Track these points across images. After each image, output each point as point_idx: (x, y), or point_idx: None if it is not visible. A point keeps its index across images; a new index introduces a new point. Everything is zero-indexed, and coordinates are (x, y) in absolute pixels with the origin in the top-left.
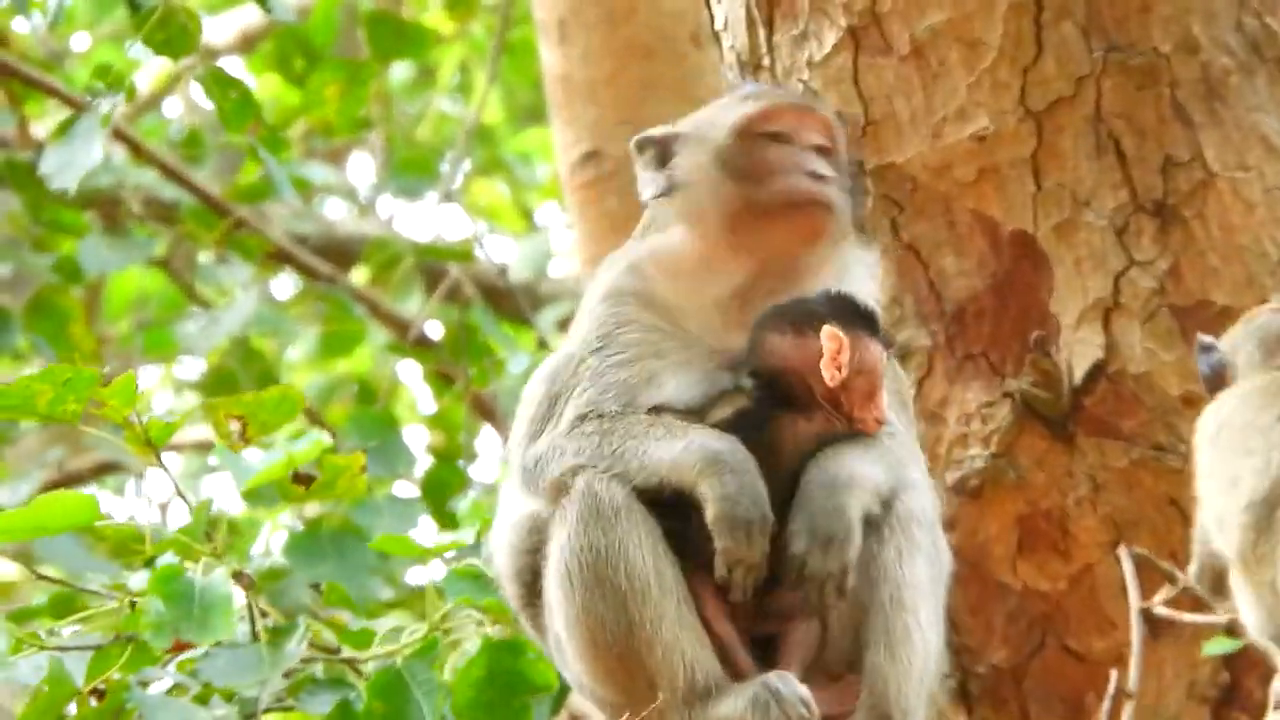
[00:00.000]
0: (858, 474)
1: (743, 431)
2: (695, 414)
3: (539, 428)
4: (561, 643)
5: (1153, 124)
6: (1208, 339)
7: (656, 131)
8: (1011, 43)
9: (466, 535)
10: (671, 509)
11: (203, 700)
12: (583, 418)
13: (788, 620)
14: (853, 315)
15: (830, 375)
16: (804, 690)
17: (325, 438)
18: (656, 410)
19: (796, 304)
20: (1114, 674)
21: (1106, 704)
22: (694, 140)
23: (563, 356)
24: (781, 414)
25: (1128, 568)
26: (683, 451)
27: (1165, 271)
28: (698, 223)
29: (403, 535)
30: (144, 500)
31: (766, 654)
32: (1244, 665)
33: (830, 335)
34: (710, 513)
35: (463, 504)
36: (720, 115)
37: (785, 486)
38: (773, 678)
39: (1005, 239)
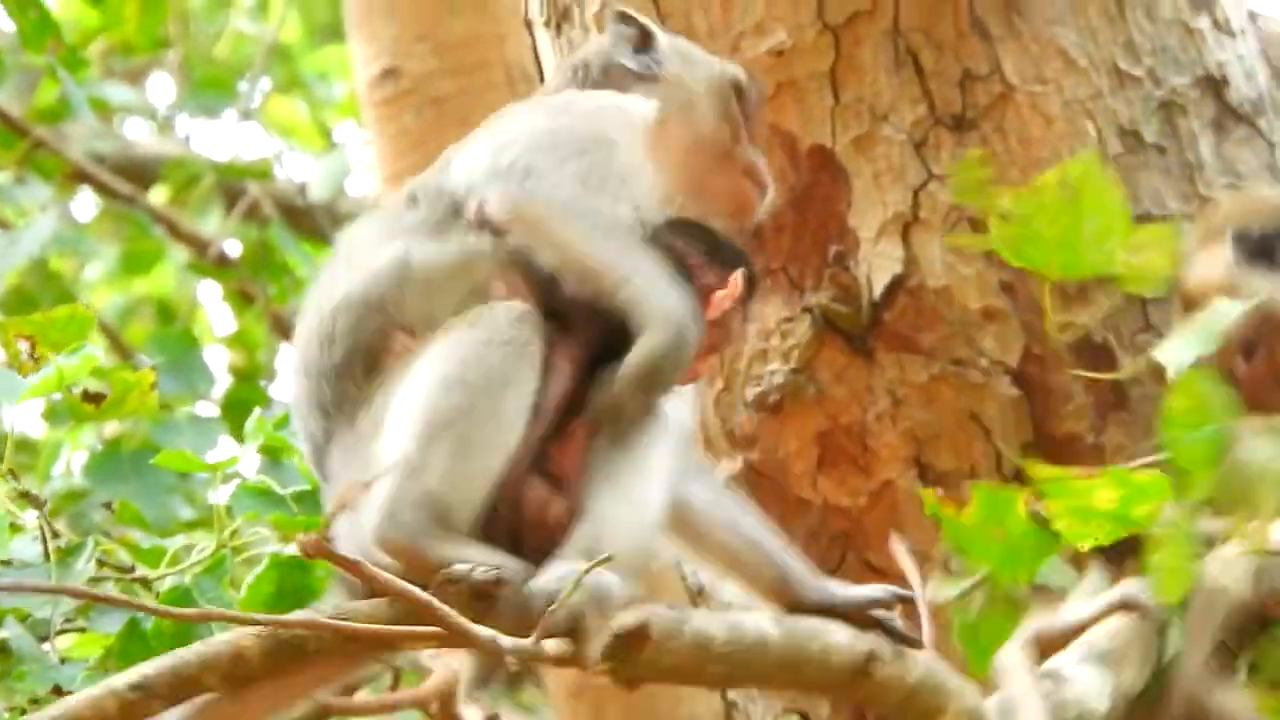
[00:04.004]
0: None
1: None
2: None
3: (534, 161)
4: (387, 414)
5: (951, 37)
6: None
7: (639, 16)
8: None
9: (251, 452)
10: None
11: None
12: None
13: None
14: (751, 280)
15: (717, 309)
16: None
17: (99, 352)
18: None
19: (720, 236)
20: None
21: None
22: (683, 55)
23: (584, 135)
24: None
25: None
26: (649, 280)
27: None
28: (677, 122)
29: (185, 453)
30: None
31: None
32: None
33: (735, 282)
34: (636, 358)
35: (250, 421)
36: (705, 55)
37: None
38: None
39: (804, 153)
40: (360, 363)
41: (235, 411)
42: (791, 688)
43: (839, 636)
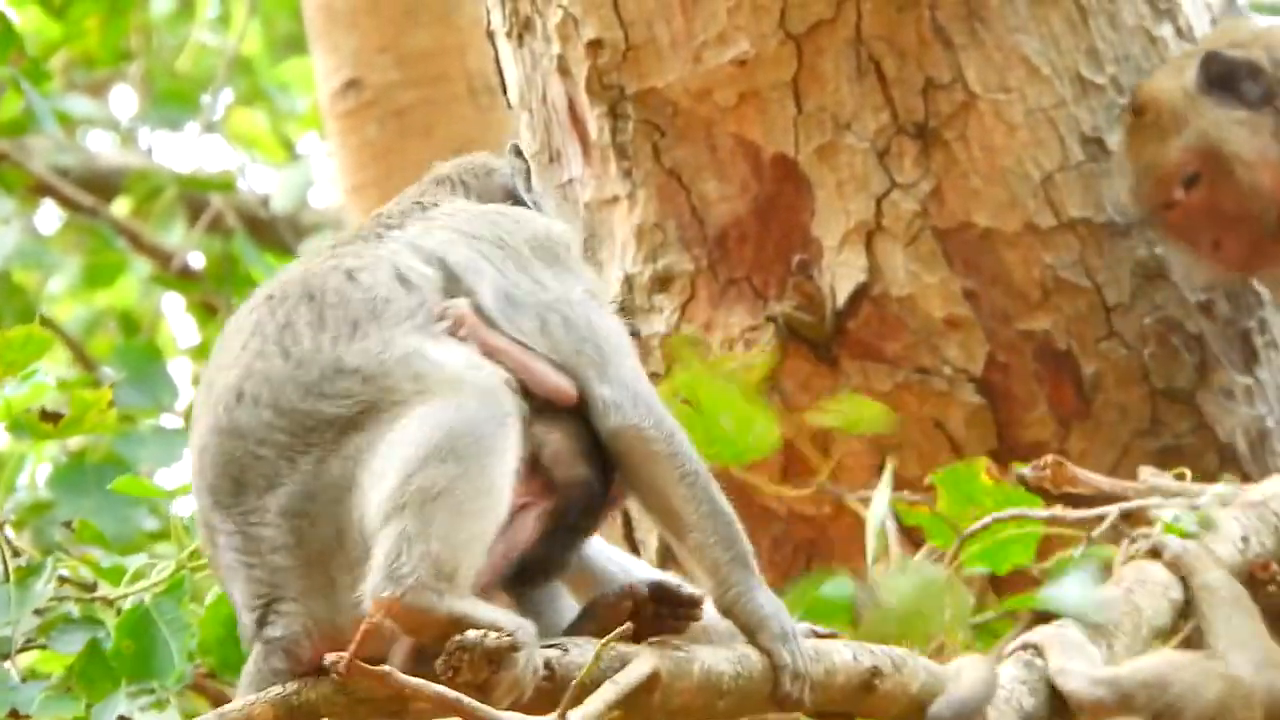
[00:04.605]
0: None
1: None
2: None
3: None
4: (374, 469)
5: (913, 46)
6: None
7: (526, 153)
8: None
9: None
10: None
11: None
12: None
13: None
14: None
15: None
16: None
17: (50, 380)
18: None
19: None
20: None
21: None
22: (546, 200)
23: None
24: None
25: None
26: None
27: (927, 194)
28: None
29: (142, 479)
30: None
31: None
32: (1007, 586)
33: None
34: (759, 642)
35: None
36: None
37: None
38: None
39: (767, 163)
40: (339, 426)
41: None
42: (798, 711)
43: (842, 656)
